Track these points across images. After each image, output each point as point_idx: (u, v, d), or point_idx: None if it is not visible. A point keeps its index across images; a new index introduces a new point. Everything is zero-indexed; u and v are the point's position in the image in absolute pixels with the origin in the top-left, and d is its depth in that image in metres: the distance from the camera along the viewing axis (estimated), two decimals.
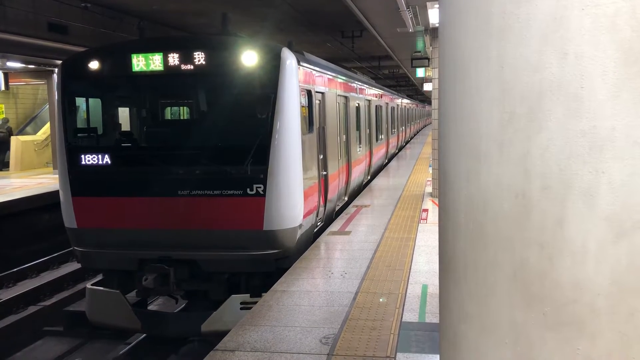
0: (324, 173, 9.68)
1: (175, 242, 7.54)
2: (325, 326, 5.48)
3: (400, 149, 29.49)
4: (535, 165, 1.84)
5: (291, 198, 7.60)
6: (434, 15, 11.14)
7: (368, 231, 9.66)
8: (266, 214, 7.36)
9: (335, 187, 10.96)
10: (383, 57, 27.39)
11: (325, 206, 9.82)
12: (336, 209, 11.36)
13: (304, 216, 7.96)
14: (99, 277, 8.64)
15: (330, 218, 10.66)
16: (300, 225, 7.83)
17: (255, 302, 6.43)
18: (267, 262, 7.51)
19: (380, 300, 6.17)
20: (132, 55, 7.70)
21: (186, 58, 7.53)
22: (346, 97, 12.57)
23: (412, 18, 11.94)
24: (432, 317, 5.64)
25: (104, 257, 7.90)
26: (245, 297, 7.40)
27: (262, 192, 7.33)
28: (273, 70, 7.47)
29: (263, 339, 5.21)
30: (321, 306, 6.04)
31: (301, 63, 8.19)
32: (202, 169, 7.59)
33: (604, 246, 1.77)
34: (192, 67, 7.54)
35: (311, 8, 15.43)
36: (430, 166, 15.81)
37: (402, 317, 5.67)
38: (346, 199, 12.63)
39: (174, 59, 7.56)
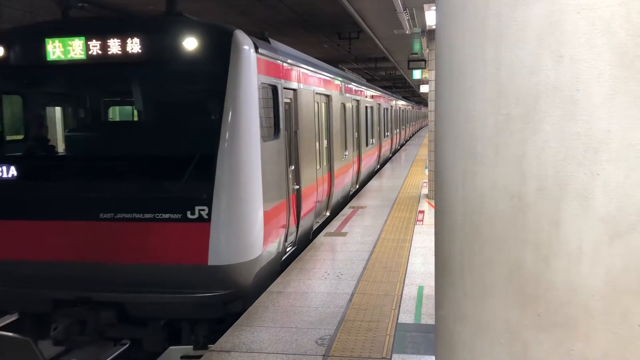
0: (296, 187, 8.06)
1: (96, 279, 5.88)
2: (321, 327, 5.49)
3: (395, 152, 28.29)
4: (530, 167, 1.85)
5: (246, 223, 5.94)
6: (430, 17, 11.17)
7: (364, 232, 9.66)
8: (212, 245, 5.69)
9: (312, 202, 9.22)
10: (380, 58, 27.42)
11: (298, 227, 8.14)
12: (314, 227, 9.57)
13: (265, 245, 6.32)
14: (15, 317, 7.19)
15: (306, 239, 8.97)
16: (259, 257, 6.16)
17: (200, 357, 5.42)
18: (214, 307, 5.88)
19: None
20: (47, 40, 6.03)
21: (114, 44, 5.95)
22: (328, 96, 10.92)
23: (409, 20, 11.96)
24: (428, 318, 5.65)
25: (9, 296, 6.20)
26: (188, 349, 5.90)
27: (206, 216, 5.68)
28: (221, 59, 5.85)
29: (259, 340, 5.21)
30: (317, 307, 6.05)
31: (262, 51, 6.48)
32: (129, 186, 5.96)
33: (599, 247, 1.78)
34: (121, 55, 5.94)
35: (309, 9, 15.44)
36: (426, 168, 15.78)
37: (397, 318, 5.67)
38: (328, 214, 10.82)
39: (98, 44, 5.97)
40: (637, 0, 1.67)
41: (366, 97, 16.91)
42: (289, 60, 7.90)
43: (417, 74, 21.25)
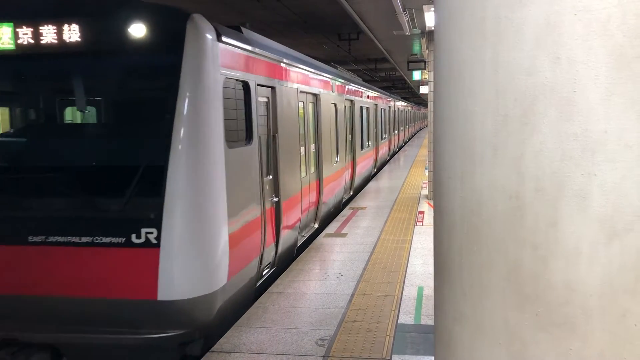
0: (275, 199, 7.07)
1: (24, 317, 4.96)
2: (321, 328, 5.50)
3: (393, 154, 27.32)
4: (528, 168, 1.87)
5: (205, 247, 4.94)
6: (430, 19, 11.20)
7: (364, 233, 9.68)
8: (162, 275, 4.73)
9: (297, 214, 8.11)
10: (380, 59, 27.47)
11: (277, 245, 7.11)
12: (299, 243, 8.41)
13: (232, 272, 5.35)
14: None
15: (289, 256, 7.94)
16: (224, 288, 5.18)
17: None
18: (168, 350, 4.97)
19: None
20: None
21: (48, 31, 5.01)
22: (316, 96, 9.80)
23: (408, 21, 11.98)
24: (428, 319, 5.66)
25: None
26: None
27: (155, 240, 4.73)
28: (174, 48, 4.89)
29: (259, 341, 5.22)
30: (317, 308, 6.06)
31: (227, 40, 5.44)
32: (62, 203, 4.97)
33: (596, 247, 1.79)
34: (56, 44, 5.01)
35: (308, 10, 15.47)
36: (426, 168, 15.79)
37: (397, 319, 5.68)
38: (316, 226, 9.78)
39: (29, 32, 5.03)
40: (633, 2, 1.69)
41: (361, 97, 15.85)
42: (265, 53, 6.76)
43: (416, 75, 21.27)
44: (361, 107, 15.65)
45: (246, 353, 4.97)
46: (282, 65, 7.59)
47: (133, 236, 4.77)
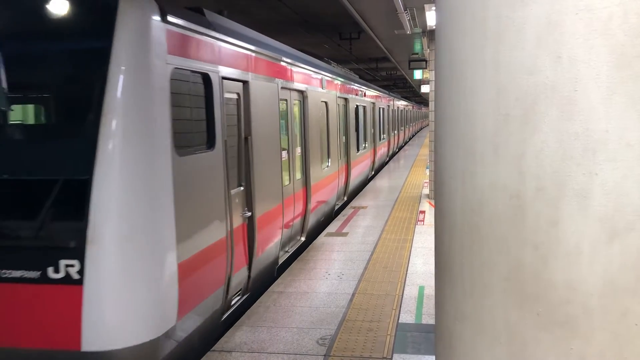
0: (248, 214, 5.98)
1: None
2: (322, 327, 5.50)
3: (393, 155, 26.26)
4: (529, 167, 1.87)
5: (144, 282, 3.93)
6: (431, 18, 11.19)
7: (365, 232, 9.68)
8: (87, 320, 3.76)
9: (277, 229, 7.01)
10: (381, 59, 27.44)
11: (250, 268, 6.08)
12: (281, 261, 7.40)
13: (185, 309, 4.39)
14: None
15: (268, 277, 6.92)
16: (172, 331, 4.21)
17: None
18: None
19: None
20: None
21: None
22: (302, 92, 8.62)
23: (409, 20, 11.98)
24: (429, 318, 5.66)
25: None
26: None
27: (77, 276, 3.75)
28: (101, 30, 3.88)
29: (260, 340, 5.22)
30: (318, 307, 6.06)
31: (177, 21, 4.40)
32: None
33: (597, 247, 1.79)
34: None
35: (309, 10, 15.46)
36: (427, 168, 15.78)
37: (398, 318, 5.68)
38: (303, 239, 8.62)
39: None
40: (634, 1, 1.69)
41: (357, 94, 14.66)
42: (235, 42, 5.63)
43: (418, 74, 21.26)
44: (357, 106, 14.56)
45: (247, 352, 4.98)
46: (259, 56, 6.34)
47: (49, 270, 3.76)
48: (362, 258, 8.01)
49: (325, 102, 10.42)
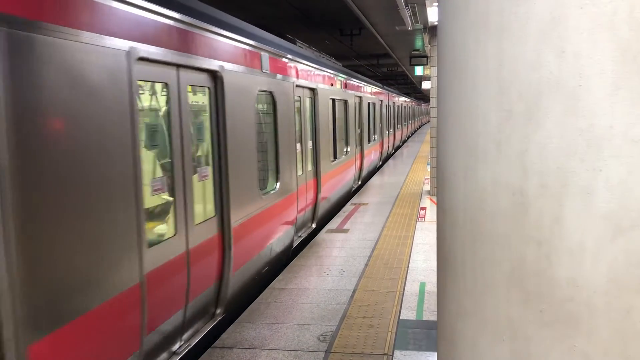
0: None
1: None
2: (323, 323, 5.49)
3: (388, 158, 23.23)
4: (533, 163, 1.85)
5: None
6: (432, 14, 11.16)
7: (366, 229, 9.66)
8: None
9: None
10: (382, 55, 27.40)
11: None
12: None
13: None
14: None
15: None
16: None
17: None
18: None
19: None
20: None
21: None
22: (215, 73, 5.36)
23: (410, 16, 11.95)
24: (430, 314, 5.65)
25: None
26: None
27: None
28: None
29: (261, 336, 5.22)
30: (319, 303, 6.05)
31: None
32: None
33: (601, 244, 1.77)
34: None
35: (310, 6, 15.43)
36: (428, 164, 15.72)
37: (399, 315, 5.68)
38: (219, 311, 5.48)
39: None
40: None
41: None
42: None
43: (419, 71, 21.24)
44: (333, 100, 11.50)
45: (248, 348, 4.97)
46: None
47: None
48: (363, 255, 8.00)
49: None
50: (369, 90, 17.09)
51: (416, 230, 9.52)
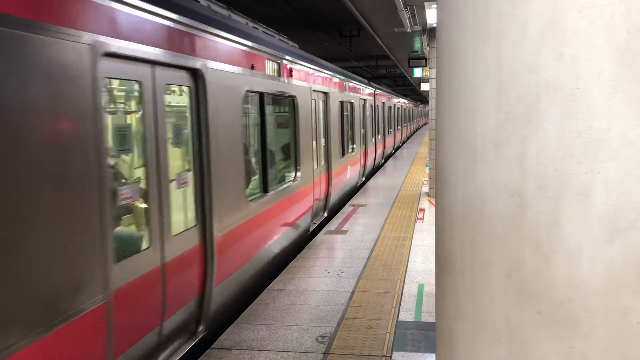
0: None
1: None
2: (322, 325, 5.50)
3: (377, 169, 20.55)
4: (531, 165, 1.86)
5: None
6: (431, 16, 11.18)
7: (364, 230, 9.67)
8: None
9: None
10: (381, 56, 27.43)
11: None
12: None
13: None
14: None
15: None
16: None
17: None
18: None
19: None
20: None
21: None
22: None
23: (409, 18, 11.96)
24: (428, 316, 5.66)
25: None
26: None
27: None
28: None
29: (259, 338, 5.22)
30: (317, 305, 6.05)
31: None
32: None
33: (599, 245, 1.78)
34: None
35: (309, 7, 15.44)
36: (427, 166, 15.75)
37: (398, 316, 5.68)
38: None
39: None
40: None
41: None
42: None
43: (417, 72, 21.26)
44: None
45: (247, 350, 4.97)
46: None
47: None
48: (361, 256, 8.00)
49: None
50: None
51: (415, 231, 9.53)
